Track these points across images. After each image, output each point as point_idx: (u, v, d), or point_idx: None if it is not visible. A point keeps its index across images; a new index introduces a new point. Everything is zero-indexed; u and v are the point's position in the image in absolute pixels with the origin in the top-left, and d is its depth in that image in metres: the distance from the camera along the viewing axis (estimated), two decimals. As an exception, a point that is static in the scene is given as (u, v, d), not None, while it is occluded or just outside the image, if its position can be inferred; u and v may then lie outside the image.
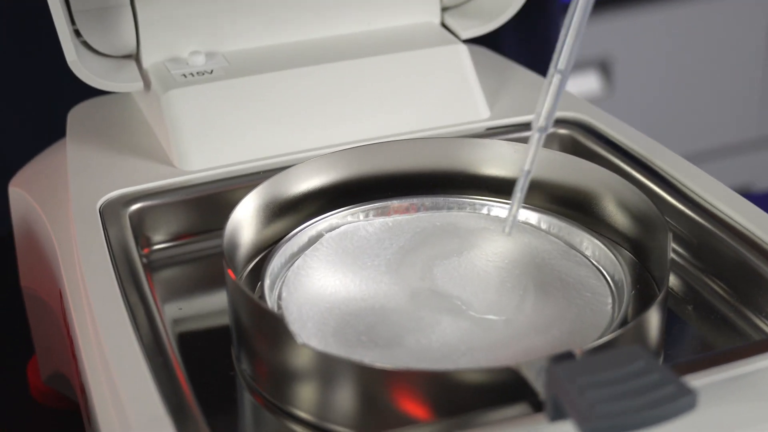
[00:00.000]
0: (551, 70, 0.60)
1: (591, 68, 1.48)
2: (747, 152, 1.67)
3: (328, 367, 0.51)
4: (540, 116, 0.61)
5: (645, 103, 1.55)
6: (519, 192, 0.61)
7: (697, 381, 0.50)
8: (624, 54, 1.49)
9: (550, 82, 0.60)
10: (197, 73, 0.70)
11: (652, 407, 0.44)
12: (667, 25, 1.51)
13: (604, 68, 1.49)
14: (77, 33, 0.70)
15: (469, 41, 0.76)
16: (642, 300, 0.59)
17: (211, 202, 0.65)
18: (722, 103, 1.61)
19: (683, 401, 0.44)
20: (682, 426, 0.47)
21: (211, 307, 0.62)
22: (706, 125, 1.62)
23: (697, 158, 1.60)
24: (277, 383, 0.53)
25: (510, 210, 0.62)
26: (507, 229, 0.62)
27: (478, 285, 0.59)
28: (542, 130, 0.61)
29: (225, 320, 0.58)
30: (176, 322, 0.60)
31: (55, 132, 0.76)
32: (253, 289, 0.60)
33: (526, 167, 0.61)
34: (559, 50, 0.60)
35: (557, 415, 0.46)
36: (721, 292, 0.60)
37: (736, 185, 1.65)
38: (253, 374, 0.55)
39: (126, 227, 0.62)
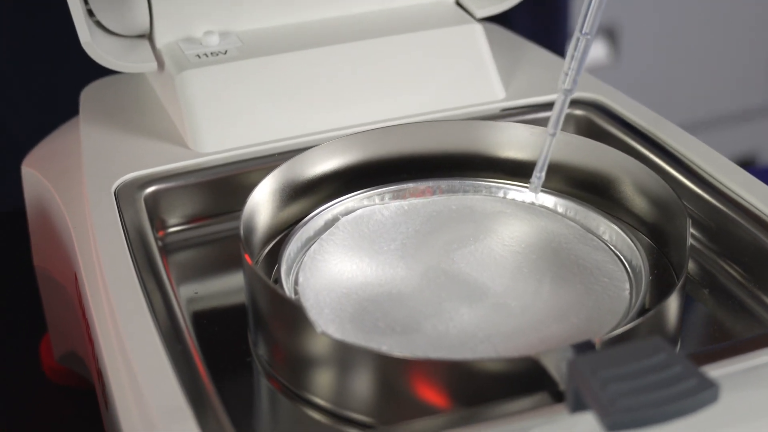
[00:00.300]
0: (576, 33, 0.60)
1: (598, 35, 1.47)
2: (753, 120, 1.67)
3: (346, 355, 0.51)
4: (566, 78, 0.61)
5: (652, 70, 1.54)
6: (544, 155, 0.61)
7: (717, 371, 0.49)
8: (630, 21, 1.48)
9: (576, 46, 0.60)
10: (211, 53, 0.69)
11: (674, 401, 0.44)
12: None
13: (611, 35, 1.48)
14: (90, 13, 0.69)
15: (483, 20, 0.75)
16: (659, 286, 0.59)
17: (226, 185, 0.65)
18: (730, 69, 1.61)
19: (705, 394, 0.44)
20: (703, 417, 0.47)
21: (227, 290, 0.61)
22: (713, 92, 1.61)
23: (704, 125, 1.60)
24: (294, 370, 0.53)
25: (535, 171, 0.62)
26: (534, 190, 0.62)
27: (495, 270, 0.59)
28: (567, 92, 0.61)
29: (241, 303, 0.58)
30: (193, 306, 0.60)
31: (66, 111, 0.76)
32: (270, 272, 0.60)
33: (551, 131, 0.61)
34: (584, 13, 0.60)
35: (578, 406, 0.46)
36: (737, 276, 0.60)
37: (743, 153, 1.65)
38: (270, 360, 0.55)
39: (141, 210, 0.62)
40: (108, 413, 0.56)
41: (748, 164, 1.67)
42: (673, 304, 0.53)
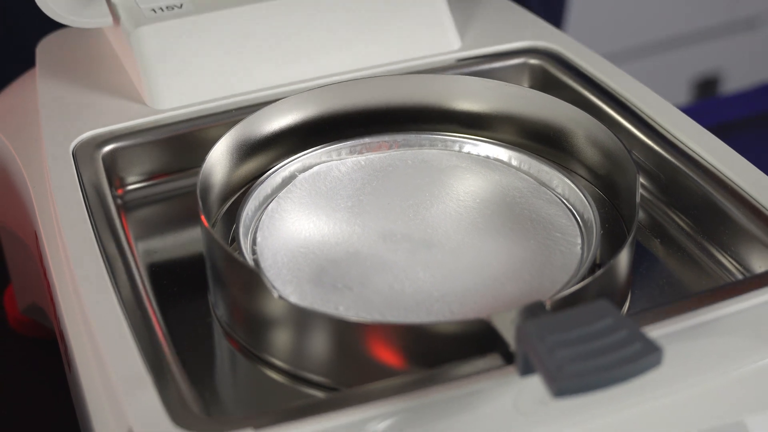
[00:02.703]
0: None
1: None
2: (718, 37, 1.67)
3: (303, 318, 0.52)
4: None
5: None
6: None
7: (662, 330, 0.51)
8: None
9: None
10: (167, 7, 0.69)
11: (620, 366, 0.45)
12: None
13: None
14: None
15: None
16: (611, 239, 0.60)
17: (184, 141, 0.66)
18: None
19: (650, 358, 0.45)
20: (647, 376, 0.48)
21: (186, 247, 0.62)
22: (676, 10, 1.61)
23: (664, 45, 1.60)
24: (253, 331, 0.54)
25: None
26: None
27: (450, 226, 0.60)
28: None
29: (200, 261, 0.58)
30: (152, 265, 0.61)
31: (21, 62, 0.76)
32: (228, 231, 0.61)
33: None
34: None
35: (527, 370, 0.47)
36: (686, 227, 0.61)
37: (706, 72, 1.66)
38: (229, 321, 0.56)
39: (99, 169, 0.62)
40: (71, 374, 0.57)
41: (711, 83, 1.68)
42: (623, 260, 0.54)
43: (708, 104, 1.57)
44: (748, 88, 1.41)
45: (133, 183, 0.65)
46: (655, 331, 0.50)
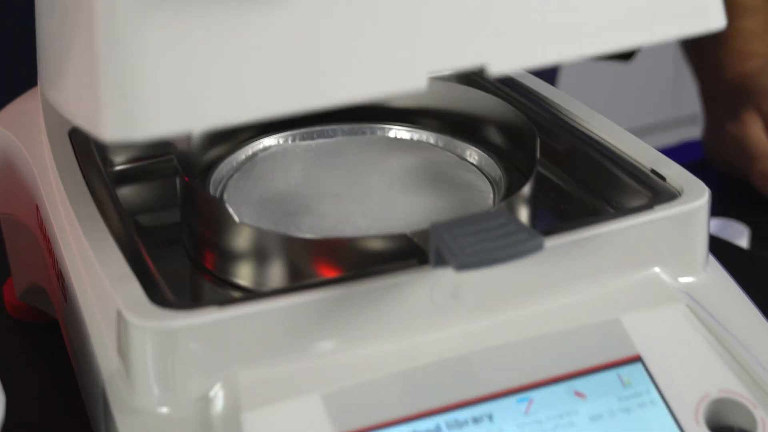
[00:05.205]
0: None
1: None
2: (660, 133, 1.81)
3: (259, 238, 0.64)
4: None
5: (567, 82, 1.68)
6: None
7: (552, 243, 0.63)
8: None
9: None
10: None
11: (509, 247, 0.57)
12: None
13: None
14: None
15: None
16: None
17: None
18: (635, 86, 1.74)
19: (532, 243, 0.57)
20: (536, 274, 0.60)
21: (166, 208, 0.74)
22: (620, 108, 1.75)
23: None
24: (215, 254, 0.66)
25: None
26: None
27: (385, 189, 0.71)
28: None
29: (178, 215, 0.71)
30: (139, 216, 0.72)
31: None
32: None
33: None
34: None
35: (438, 262, 0.59)
36: (578, 186, 0.73)
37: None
38: (194, 249, 0.68)
39: (92, 150, 0.74)
40: (67, 305, 0.68)
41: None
42: (524, 191, 0.66)
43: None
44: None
45: (121, 163, 0.77)
46: (548, 242, 0.62)
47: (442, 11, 0.54)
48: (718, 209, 1.03)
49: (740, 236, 1.02)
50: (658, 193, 0.66)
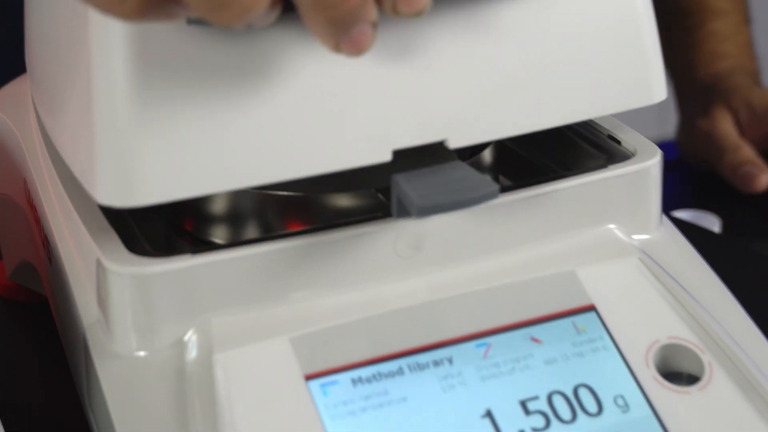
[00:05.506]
0: None
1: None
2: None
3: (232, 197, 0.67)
4: None
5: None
6: None
7: (509, 198, 0.66)
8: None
9: None
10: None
11: (466, 193, 0.60)
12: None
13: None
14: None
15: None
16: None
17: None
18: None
19: (488, 190, 0.61)
20: (496, 229, 0.64)
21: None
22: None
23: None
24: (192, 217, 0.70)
25: None
26: None
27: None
28: None
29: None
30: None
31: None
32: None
33: None
34: None
35: (401, 212, 0.62)
36: (548, 162, 0.77)
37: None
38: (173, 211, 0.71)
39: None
40: (52, 267, 0.72)
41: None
42: (484, 154, 0.70)
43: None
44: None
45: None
46: (503, 198, 0.65)
47: (408, 95, 0.61)
48: (691, 202, 1.08)
49: (712, 227, 1.05)
50: (613, 155, 0.69)
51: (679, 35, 1.23)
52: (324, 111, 0.60)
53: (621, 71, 0.65)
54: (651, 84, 0.65)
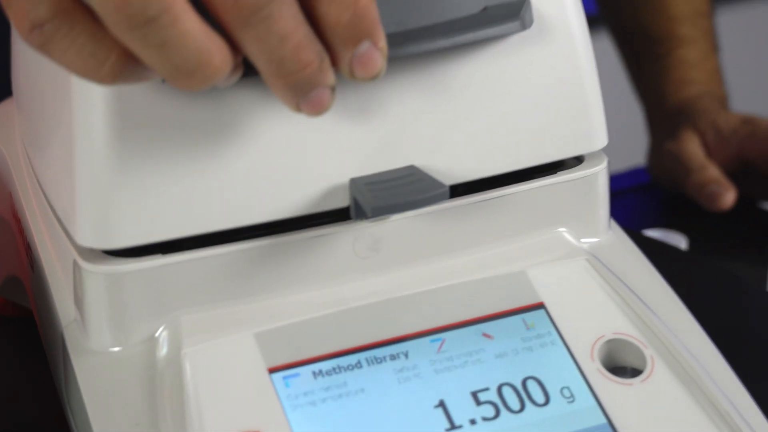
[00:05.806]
0: None
1: None
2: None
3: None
4: None
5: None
6: None
7: (465, 201, 0.70)
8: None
9: None
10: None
11: (417, 194, 0.64)
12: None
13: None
14: None
15: None
16: None
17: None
18: (610, 134, 1.81)
19: (439, 191, 0.65)
20: (449, 232, 0.68)
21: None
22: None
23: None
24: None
25: None
26: None
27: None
28: None
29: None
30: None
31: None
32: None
33: None
34: None
35: (358, 214, 0.66)
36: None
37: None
38: None
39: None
40: (34, 273, 0.76)
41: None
42: None
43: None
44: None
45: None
46: (457, 202, 0.69)
47: (365, 146, 0.67)
48: (660, 222, 1.12)
49: (679, 244, 1.09)
50: (563, 162, 0.73)
51: (649, 63, 1.27)
52: (287, 162, 0.65)
53: (565, 123, 0.70)
54: (592, 133, 0.70)
